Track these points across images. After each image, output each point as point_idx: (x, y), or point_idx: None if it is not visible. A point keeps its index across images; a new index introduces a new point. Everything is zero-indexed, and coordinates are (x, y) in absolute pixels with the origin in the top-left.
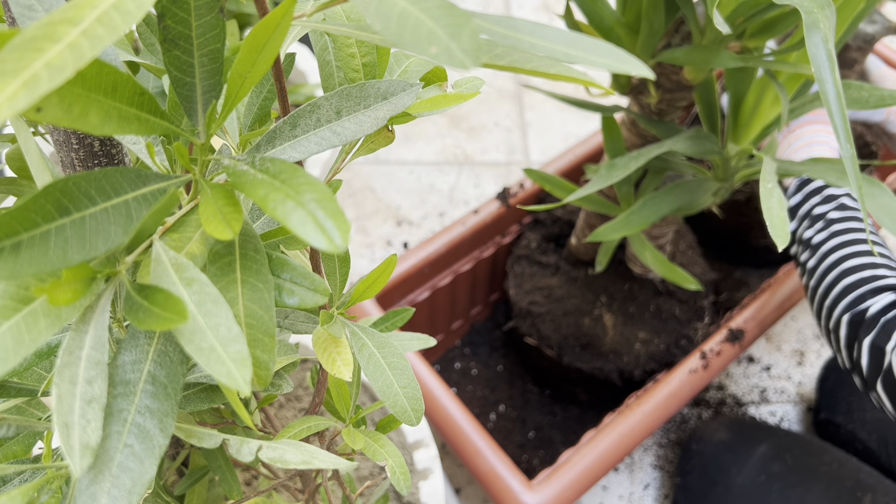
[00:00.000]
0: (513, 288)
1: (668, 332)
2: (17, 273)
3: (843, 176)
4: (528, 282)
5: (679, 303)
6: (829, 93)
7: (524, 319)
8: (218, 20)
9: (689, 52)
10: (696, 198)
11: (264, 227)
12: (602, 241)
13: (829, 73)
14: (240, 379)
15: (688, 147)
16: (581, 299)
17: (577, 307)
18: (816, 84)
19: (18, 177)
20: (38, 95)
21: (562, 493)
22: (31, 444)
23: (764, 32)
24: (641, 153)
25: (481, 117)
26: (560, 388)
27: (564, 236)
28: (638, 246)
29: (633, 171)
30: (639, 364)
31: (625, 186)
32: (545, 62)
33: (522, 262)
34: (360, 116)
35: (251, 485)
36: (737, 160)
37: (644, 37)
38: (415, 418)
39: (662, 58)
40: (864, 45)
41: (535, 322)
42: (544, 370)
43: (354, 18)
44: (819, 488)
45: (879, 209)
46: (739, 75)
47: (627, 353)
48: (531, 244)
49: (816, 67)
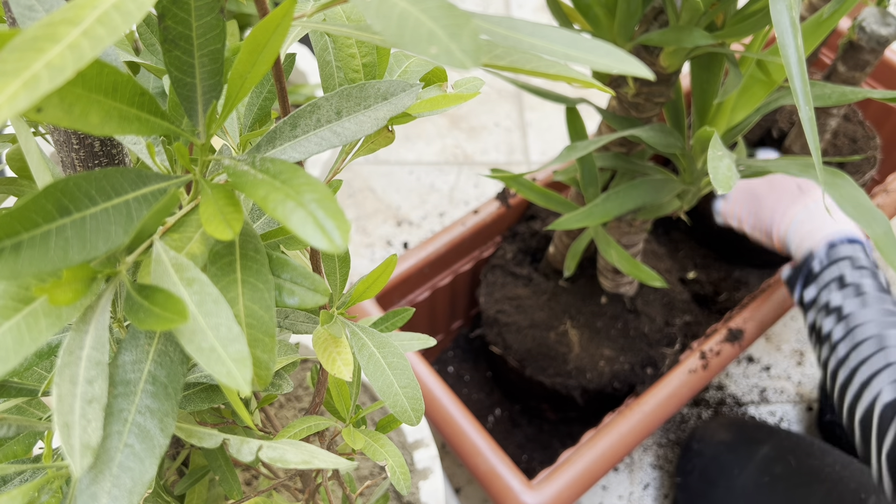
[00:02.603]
0: (483, 296)
1: (634, 351)
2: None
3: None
4: (499, 291)
5: (649, 321)
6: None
7: (491, 328)
8: (218, 20)
9: (664, 33)
10: (661, 196)
11: (264, 228)
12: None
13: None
14: (240, 379)
15: (651, 137)
16: (549, 312)
17: (544, 320)
18: (779, 45)
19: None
20: (39, 96)
21: (562, 493)
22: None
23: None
24: (602, 138)
25: (481, 117)
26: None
27: (541, 250)
28: (603, 245)
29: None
30: (602, 382)
31: (591, 188)
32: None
33: (496, 271)
34: (360, 117)
35: (251, 484)
36: (703, 163)
37: (621, 17)
38: (415, 418)
39: (640, 40)
40: (877, 48)
41: (501, 331)
42: (510, 382)
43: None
44: (822, 490)
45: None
46: (706, 74)
47: (591, 370)
48: (507, 255)
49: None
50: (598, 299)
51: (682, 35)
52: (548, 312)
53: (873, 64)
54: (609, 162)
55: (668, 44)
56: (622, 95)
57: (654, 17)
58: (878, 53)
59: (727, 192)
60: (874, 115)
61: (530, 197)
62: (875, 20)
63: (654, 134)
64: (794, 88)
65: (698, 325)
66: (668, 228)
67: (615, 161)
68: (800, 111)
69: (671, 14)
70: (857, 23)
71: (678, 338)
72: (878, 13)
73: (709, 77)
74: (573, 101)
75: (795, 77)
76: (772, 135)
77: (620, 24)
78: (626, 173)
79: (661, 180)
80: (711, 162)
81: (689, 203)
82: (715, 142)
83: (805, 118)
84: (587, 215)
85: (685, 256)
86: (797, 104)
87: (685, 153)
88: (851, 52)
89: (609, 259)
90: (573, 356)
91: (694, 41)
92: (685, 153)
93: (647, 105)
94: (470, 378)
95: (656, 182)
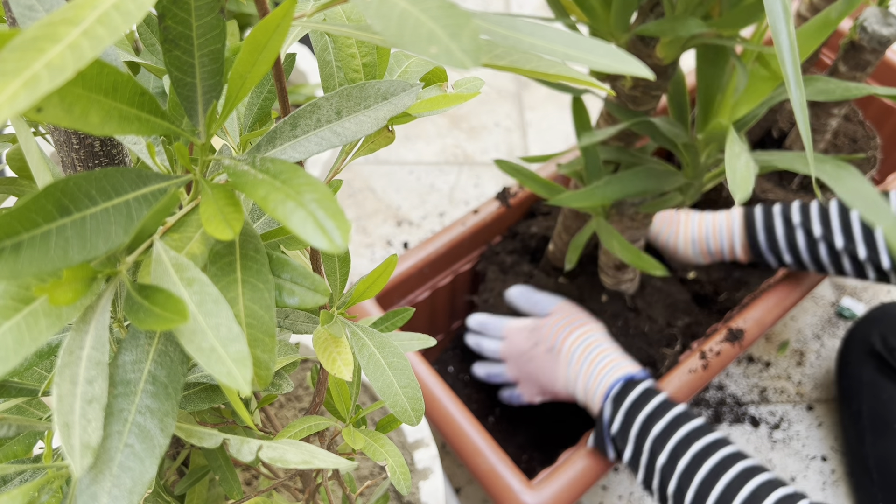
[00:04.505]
0: (484, 292)
1: (634, 350)
2: (18, 273)
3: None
4: (500, 287)
5: (649, 320)
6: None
7: None
8: (218, 20)
9: (660, 23)
10: (663, 185)
11: (265, 227)
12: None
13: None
14: (240, 379)
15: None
16: None
17: None
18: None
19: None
20: (39, 96)
21: (561, 493)
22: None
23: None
24: (613, 127)
25: (481, 117)
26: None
27: (540, 250)
28: (605, 235)
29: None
30: None
31: (595, 180)
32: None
33: (495, 268)
34: (360, 117)
35: (251, 484)
36: (706, 157)
37: (617, 7)
38: (415, 418)
39: (636, 31)
40: (878, 48)
41: None
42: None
43: (354, 19)
44: None
45: (850, 193)
46: (711, 68)
47: None
48: (507, 253)
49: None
50: (598, 297)
51: (678, 24)
52: None
53: (874, 64)
54: (613, 155)
55: (663, 34)
56: (619, 88)
57: (651, 8)
58: (880, 54)
59: (684, 255)
60: (874, 115)
61: (534, 188)
62: (876, 20)
63: (661, 122)
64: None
65: (698, 325)
66: None
67: (618, 154)
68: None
69: (667, 4)
70: (858, 23)
71: (678, 338)
72: (879, 13)
73: (714, 71)
74: (578, 90)
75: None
76: (772, 135)
77: (617, 15)
78: (630, 166)
79: (664, 171)
80: (729, 161)
81: (691, 198)
82: (732, 138)
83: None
84: (590, 195)
85: None
86: (788, 89)
87: (689, 146)
88: (853, 53)
89: (611, 249)
90: None
91: (689, 30)
92: (689, 146)
93: (645, 98)
94: (470, 378)
95: (659, 171)
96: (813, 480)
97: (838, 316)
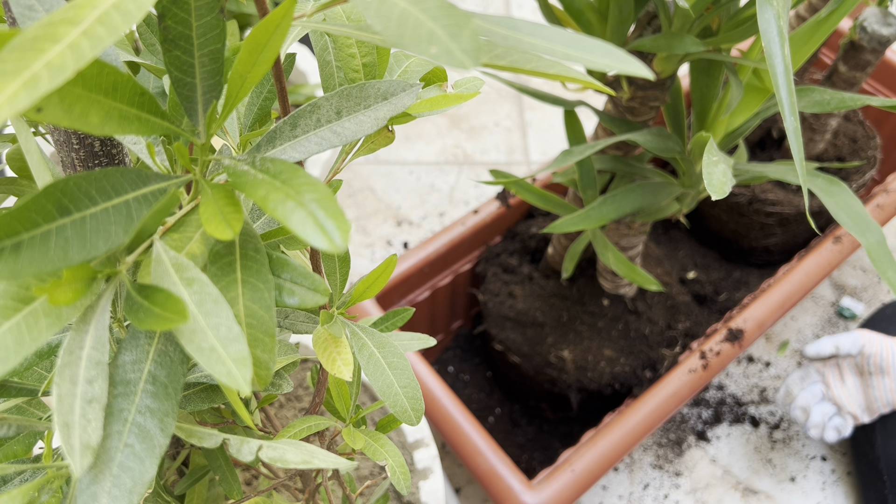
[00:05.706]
0: (485, 293)
1: (635, 353)
2: (18, 273)
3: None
4: (502, 288)
5: (649, 322)
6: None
7: (493, 324)
8: (218, 20)
9: (657, 38)
10: (659, 199)
11: (264, 227)
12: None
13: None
14: (240, 379)
15: (649, 142)
16: (550, 311)
17: (545, 318)
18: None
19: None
20: (39, 95)
21: (561, 493)
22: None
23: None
24: (599, 142)
25: (481, 117)
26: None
27: (540, 251)
28: (601, 248)
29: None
30: (602, 382)
31: (590, 190)
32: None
33: (497, 269)
34: (360, 117)
35: (251, 484)
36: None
37: (613, 22)
38: (415, 418)
39: (632, 46)
40: (878, 48)
41: (502, 328)
42: (511, 381)
43: (354, 19)
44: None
45: (839, 207)
46: (705, 79)
47: (592, 370)
48: (508, 254)
49: (767, 42)
50: (598, 300)
51: (674, 41)
52: (549, 311)
53: (874, 64)
54: (608, 164)
55: (659, 50)
56: (617, 100)
57: (648, 21)
58: (880, 53)
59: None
60: (874, 115)
61: (529, 199)
62: (876, 20)
63: (651, 138)
64: (780, 99)
65: (698, 326)
66: (668, 228)
67: (614, 163)
68: (785, 122)
69: (664, 19)
70: (858, 23)
71: (678, 339)
72: (879, 13)
73: (708, 82)
74: (571, 103)
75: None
76: (772, 135)
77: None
78: (625, 176)
79: (659, 183)
80: (706, 168)
81: (688, 206)
82: (710, 147)
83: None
84: (584, 218)
85: (685, 256)
86: (783, 115)
87: (684, 157)
88: (852, 52)
89: (606, 262)
90: (574, 356)
91: (685, 48)
92: (684, 157)
93: (643, 109)
94: (470, 378)
95: (654, 185)
96: (813, 480)
97: (838, 316)
